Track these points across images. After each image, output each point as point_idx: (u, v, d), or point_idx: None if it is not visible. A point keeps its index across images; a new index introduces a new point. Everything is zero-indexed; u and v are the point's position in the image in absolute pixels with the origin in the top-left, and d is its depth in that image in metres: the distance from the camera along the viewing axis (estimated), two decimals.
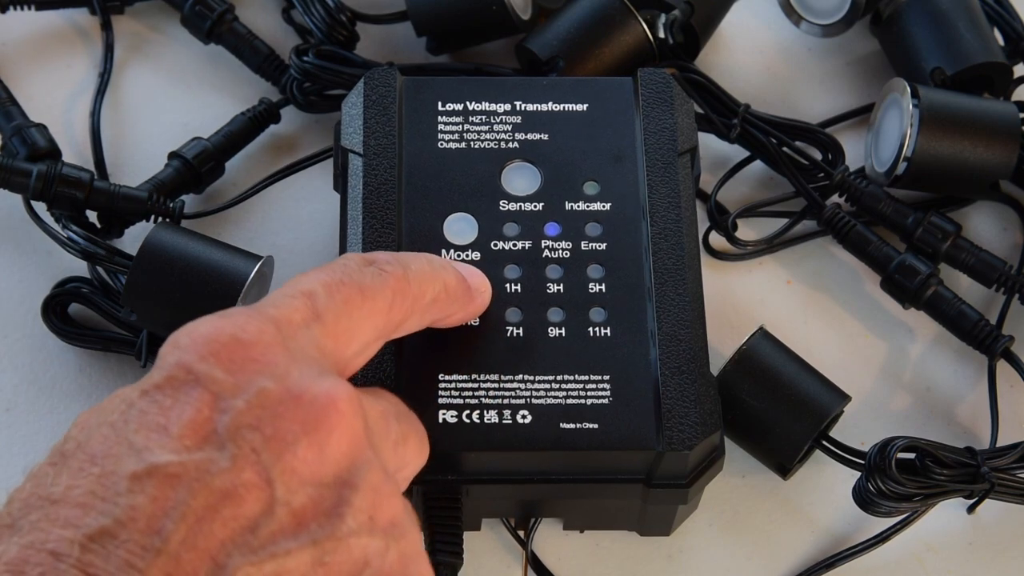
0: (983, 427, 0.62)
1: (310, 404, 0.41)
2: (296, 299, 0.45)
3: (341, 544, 0.41)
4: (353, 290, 0.46)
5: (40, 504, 0.38)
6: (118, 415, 0.40)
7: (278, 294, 0.45)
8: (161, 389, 0.41)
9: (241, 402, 0.41)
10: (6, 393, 0.62)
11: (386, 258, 0.49)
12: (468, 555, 0.54)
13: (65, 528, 0.38)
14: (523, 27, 0.67)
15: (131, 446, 0.39)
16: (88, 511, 0.38)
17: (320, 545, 0.40)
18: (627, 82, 0.61)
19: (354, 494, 0.41)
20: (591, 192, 0.58)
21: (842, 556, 0.58)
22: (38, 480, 0.39)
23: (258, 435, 0.40)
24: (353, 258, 0.48)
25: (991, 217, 0.68)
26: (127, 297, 0.59)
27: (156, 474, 0.39)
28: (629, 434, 0.53)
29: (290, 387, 0.41)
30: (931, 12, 0.67)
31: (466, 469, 0.53)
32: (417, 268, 0.49)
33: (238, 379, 0.41)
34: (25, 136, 0.64)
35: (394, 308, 0.47)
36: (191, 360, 0.41)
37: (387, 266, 0.48)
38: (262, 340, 0.42)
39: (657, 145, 0.59)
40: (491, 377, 0.54)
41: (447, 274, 0.51)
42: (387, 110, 0.59)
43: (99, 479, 0.39)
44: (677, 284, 0.56)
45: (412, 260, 0.49)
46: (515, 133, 0.59)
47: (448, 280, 0.51)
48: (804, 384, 0.58)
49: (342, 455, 0.42)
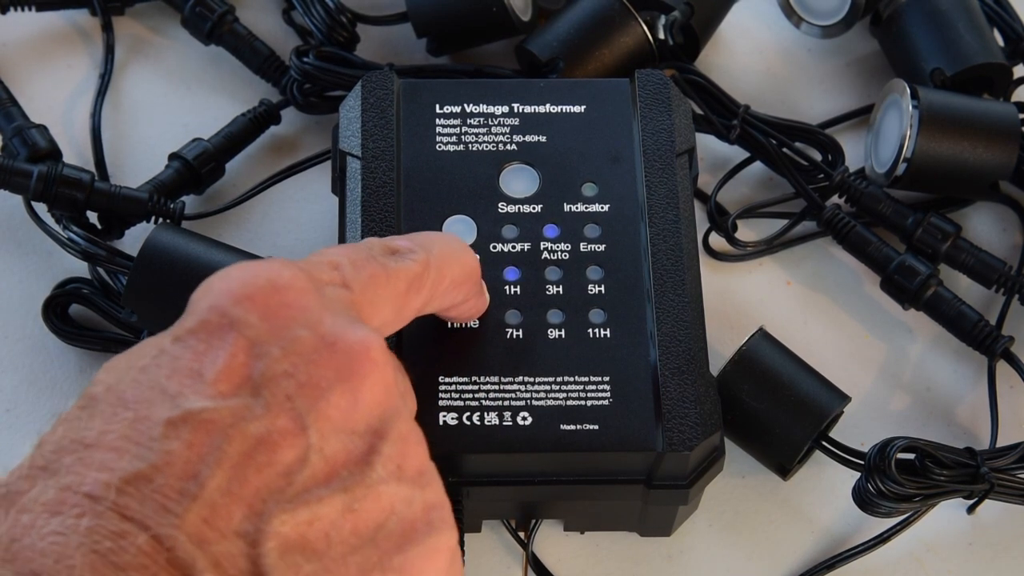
0: (983, 427, 0.62)
1: (345, 352, 0.41)
2: (325, 265, 0.44)
3: (371, 491, 0.41)
4: (378, 268, 0.46)
5: (73, 447, 0.38)
6: (149, 359, 0.40)
7: (310, 257, 0.45)
8: (195, 334, 0.40)
9: (276, 349, 0.40)
10: (6, 393, 0.62)
11: (408, 245, 0.48)
12: (468, 556, 0.54)
13: (101, 471, 0.38)
14: (523, 28, 0.67)
15: (164, 391, 0.39)
16: (123, 455, 0.38)
17: (351, 492, 0.40)
18: (624, 83, 0.61)
19: (384, 442, 0.41)
20: (589, 194, 0.58)
21: (842, 557, 0.58)
22: (70, 423, 0.39)
23: (293, 382, 0.40)
24: (376, 243, 0.48)
25: (991, 218, 0.68)
26: (128, 298, 0.59)
27: (191, 420, 0.39)
28: (629, 435, 0.53)
29: (324, 334, 0.41)
30: (931, 13, 0.67)
31: (467, 471, 0.53)
32: (439, 251, 0.49)
33: (273, 324, 0.41)
34: (26, 137, 0.64)
35: (413, 291, 0.47)
36: (226, 304, 0.41)
37: (410, 254, 0.48)
38: (296, 286, 0.42)
39: (655, 146, 0.59)
40: (491, 379, 0.54)
41: (467, 256, 0.51)
42: (385, 113, 0.59)
43: (133, 424, 0.39)
44: (676, 285, 0.56)
45: (435, 243, 0.49)
46: (513, 135, 0.59)
47: (468, 262, 0.51)
48: (804, 384, 0.58)
49: (375, 403, 0.42)
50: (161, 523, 0.37)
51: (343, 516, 0.40)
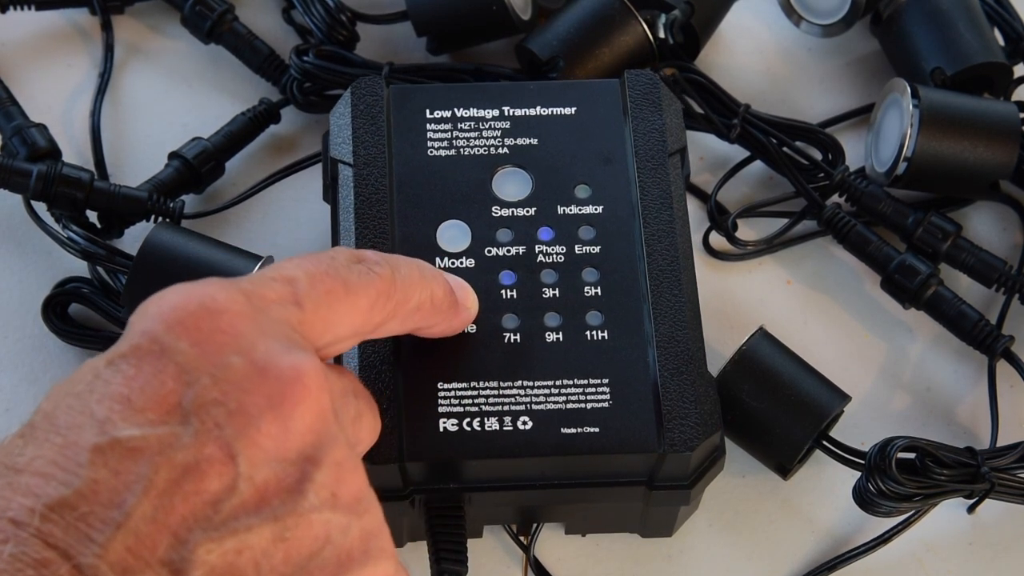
0: (983, 427, 0.62)
1: (276, 379, 0.41)
2: (276, 282, 0.44)
3: (303, 520, 0.40)
4: (336, 283, 0.45)
5: (4, 473, 0.38)
6: (84, 385, 0.40)
7: (258, 274, 0.44)
8: (126, 358, 0.40)
9: (206, 377, 0.40)
10: (6, 393, 0.62)
11: (376, 258, 0.48)
12: (470, 560, 0.54)
13: (26, 496, 0.37)
14: (523, 27, 0.67)
15: (93, 416, 0.39)
16: (49, 480, 0.38)
17: (281, 521, 0.40)
18: (614, 84, 0.61)
19: (317, 470, 0.41)
20: (583, 195, 0.58)
21: (843, 558, 0.58)
22: (7, 450, 0.39)
23: (222, 410, 0.40)
24: (342, 252, 0.47)
25: (991, 217, 0.68)
26: (128, 297, 0.59)
27: (118, 447, 0.38)
28: (630, 437, 0.53)
29: (256, 360, 0.41)
30: (931, 12, 0.67)
31: (468, 477, 0.53)
32: (406, 273, 0.48)
33: (204, 351, 0.40)
34: (25, 136, 0.64)
35: (376, 309, 0.47)
36: (158, 330, 0.40)
37: (375, 267, 0.47)
38: (231, 310, 0.41)
39: (647, 146, 0.59)
40: (490, 384, 0.53)
41: (436, 284, 0.50)
42: (375, 119, 0.59)
43: (61, 449, 0.38)
44: (672, 285, 0.56)
45: (402, 264, 0.49)
46: (504, 139, 0.59)
47: (435, 291, 0.50)
48: (804, 384, 0.58)
49: (307, 430, 0.41)
50: (83, 552, 0.37)
51: (274, 545, 0.40)
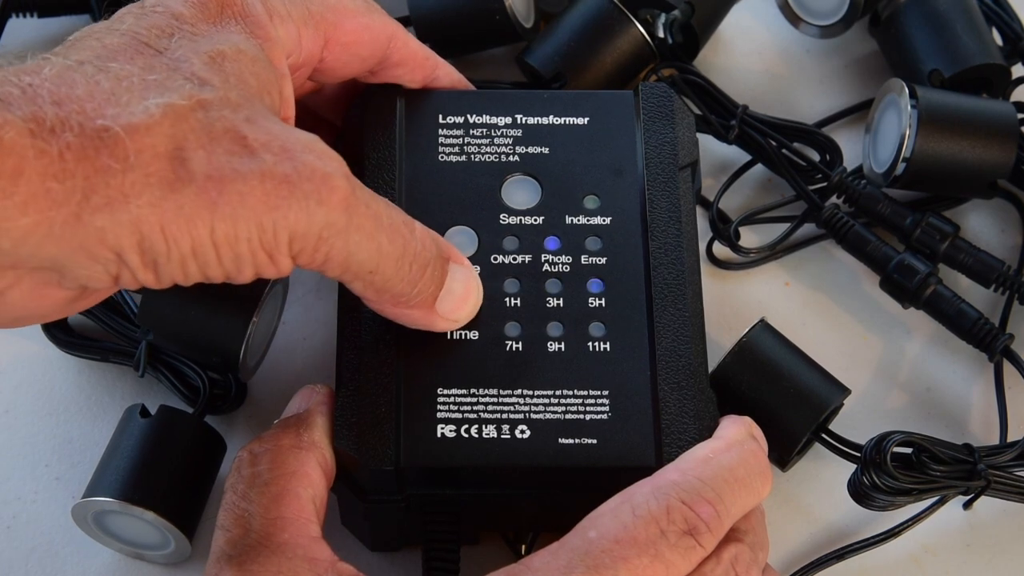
0: (982, 426, 0.62)
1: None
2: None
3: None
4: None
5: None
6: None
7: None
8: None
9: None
10: (5, 394, 0.62)
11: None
12: (465, 566, 0.54)
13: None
14: (525, 35, 0.67)
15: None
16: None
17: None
18: (628, 96, 0.60)
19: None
20: (591, 206, 0.58)
21: (839, 553, 0.58)
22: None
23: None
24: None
25: (990, 217, 0.68)
26: (143, 316, 0.58)
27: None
28: (627, 450, 0.52)
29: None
30: (929, 13, 0.67)
31: (464, 484, 0.53)
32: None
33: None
34: None
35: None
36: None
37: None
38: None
39: (658, 159, 0.58)
40: (490, 391, 0.53)
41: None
42: (387, 123, 0.59)
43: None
44: (677, 299, 0.55)
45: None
46: (516, 146, 0.59)
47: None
48: (804, 376, 0.58)
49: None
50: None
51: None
